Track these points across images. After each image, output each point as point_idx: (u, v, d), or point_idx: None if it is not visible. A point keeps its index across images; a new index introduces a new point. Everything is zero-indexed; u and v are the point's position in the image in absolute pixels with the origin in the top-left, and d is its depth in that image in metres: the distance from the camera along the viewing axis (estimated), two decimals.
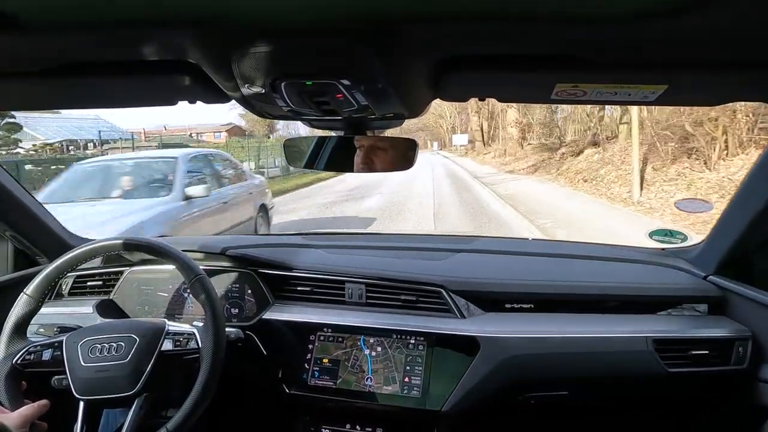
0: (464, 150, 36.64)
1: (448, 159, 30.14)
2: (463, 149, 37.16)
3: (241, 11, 0.45)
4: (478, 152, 30.40)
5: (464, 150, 36.64)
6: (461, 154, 35.93)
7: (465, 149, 36.97)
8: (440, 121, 47.26)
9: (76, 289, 1.39)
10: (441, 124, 48.50)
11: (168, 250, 1.04)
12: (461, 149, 37.41)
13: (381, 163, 0.83)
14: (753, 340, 1.10)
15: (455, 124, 45.93)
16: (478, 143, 32.21)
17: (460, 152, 36.40)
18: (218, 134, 32.06)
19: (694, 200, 2.87)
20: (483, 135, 31.83)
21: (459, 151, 37.33)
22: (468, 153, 34.39)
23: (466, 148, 36.95)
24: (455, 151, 39.52)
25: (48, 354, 0.96)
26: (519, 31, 0.49)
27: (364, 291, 1.25)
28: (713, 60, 0.55)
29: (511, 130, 21.47)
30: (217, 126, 33.63)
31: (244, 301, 1.28)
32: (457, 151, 38.28)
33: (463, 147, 37.94)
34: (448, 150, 44.96)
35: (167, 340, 0.97)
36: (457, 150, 38.73)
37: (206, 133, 32.07)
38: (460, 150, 37.45)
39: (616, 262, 1.36)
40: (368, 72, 0.55)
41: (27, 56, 0.57)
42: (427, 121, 45.20)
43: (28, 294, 1.00)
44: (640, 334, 1.12)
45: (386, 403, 1.12)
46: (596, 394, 1.24)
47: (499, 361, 1.11)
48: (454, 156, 34.44)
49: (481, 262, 1.39)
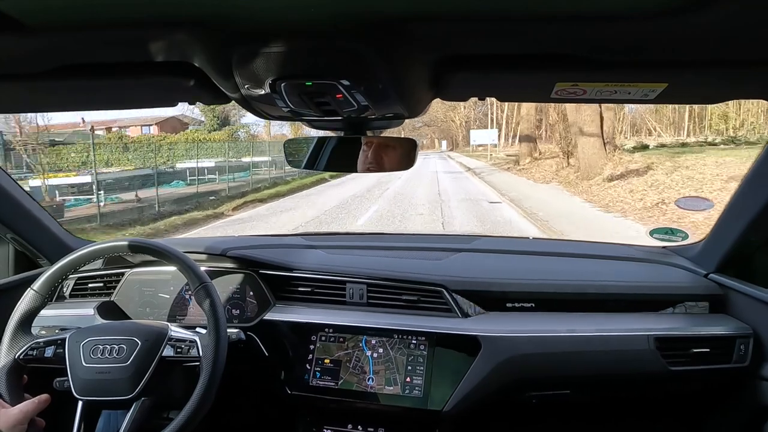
0: (499, 159, 22.80)
1: (470, 177, 16.10)
2: (484, 154, 25.86)
3: (241, 12, 0.45)
4: (531, 164, 16.71)
5: (499, 159, 22.80)
6: (491, 161, 22.28)
7: (486, 152, 25.43)
8: (451, 113, 38.64)
9: (77, 290, 1.39)
10: (452, 117, 39.74)
11: (173, 253, 1.04)
12: (486, 155, 25.10)
13: (386, 163, 0.84)
14: (754, 338, 1.10)
15: (470, 116, 37.53)
16: (525, 149, 18.74)
17: (490, 160, 22.55)
18: (147, 128, 26.86)
19: (694, 198, 2.87)
20: (534, 138, 19.26)
21: (483, 158, 24.41)
22: (510, 165, 18.49)
23: (487, 147, 26.45)
24: (473, 153, 29.61)
25: (50, 351, 0.97)
26: (519, 30, 0.49)
27: (365, 291, 1.25)
28: (713, 58, 0.55)
29: (590, 128, 11.19)
30: (149, 118, 27.43)
31: (245, 301, 1.28)
32: (477, 153, 28.07)
33: (481, 147, 28.64)
34: (461, 152, 35.09)
35: (169, 345, 0.97)
36: (477, 151, 29.36)
37: (132, 127, 26.53)
38: (487, 156, 24.65)
39: (617, 261, 1.36)
40: (368, 72, 0.55)
41: (27, 58, 0.57)
42: (434, 114, 36.83)
43: (35, 290, 1.00)
44: (642, 333, 1.12)
45: (388, 404, 1.12)
46: (598, 393, 1.24)
47: (501, 360, 1.11)
48: (473, 164, 20.99)
49: (483, 261, 1.39)
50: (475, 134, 29.26)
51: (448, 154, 33.53)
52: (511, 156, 22.10)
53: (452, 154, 33.71)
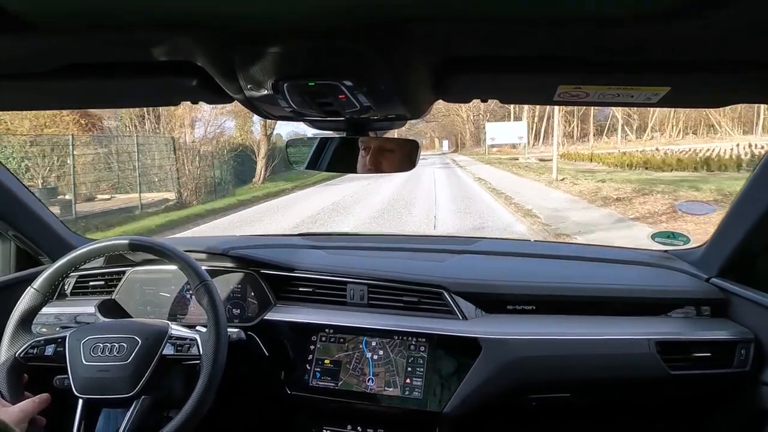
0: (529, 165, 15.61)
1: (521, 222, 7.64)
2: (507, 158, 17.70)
3: (244, 13, 0.46)
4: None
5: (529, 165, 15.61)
6: (535, 175, 13.88)
7: (502, 155, 17.67)
8: (455, 106, 22.02)
9: (78, 288, 1.40)
10: (457, 110, 31.21)
11: (174, 252, 1.04)
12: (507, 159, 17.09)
13: (387, 165, 0.84)
14: (755, 343, 1.10)
15: (481, 107, 25.89)
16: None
17: (532, 174, 14.30)
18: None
19: (696, 203, 2.86)
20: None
21: (502, 166, 16.42)
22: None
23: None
24: (486, 156, 20.48)
25: (51, 349, 0.97)
26: (523, 32, 0.49)
27: (366, 292, 1.25)
28: (716, 62, 0.55)
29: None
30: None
31: (246, 301, 1.28)
32: (492, 157, 19.62)
33: (497, 148, 21.04)
34: (470, 154, 26.46)
35: (169, 344, 0.97)
36: (492, 153, 20.99)
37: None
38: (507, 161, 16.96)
39: (618, 264, 1.36)
40: (371, 73, 0.56)
41: (31, 57, 0.57)
42: (435, 107, 30.88)
43: (35, 288, 1.00)
44: (643, 336, 1.11)
45: (387, 405, 1.12)
46: (598, 396, 1.23)
47: (501, 362, 1.11)
48: (502, 181, 13.33)
49: (483, 263, 1.39)
50: (494, 129, 19.17)
51: (453, 158, 22.30)
52: (546, 161, 15.20)
53: (458, 158, 23.12)
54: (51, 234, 1.37)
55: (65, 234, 1.41)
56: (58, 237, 1.39)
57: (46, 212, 1.36)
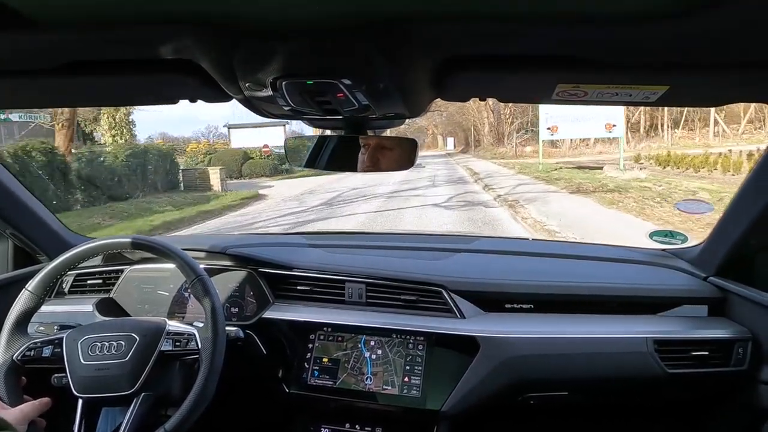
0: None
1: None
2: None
3: (243, 10, 0.45)
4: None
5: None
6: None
7: (539, 158, 12.66)
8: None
9: (76, 287, 1.39)
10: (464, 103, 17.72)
11: (170, 249, 1.04)
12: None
13: (386, 163, 0.84)
14: (753, 342, 1.10)
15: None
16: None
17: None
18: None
19: (694, 201, 2.86)
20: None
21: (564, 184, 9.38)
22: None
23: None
24: (502, 162, 15.45)
25: (48, 351, 0.97)
26: (521, 31, 0.49)
27: (364, 290, 1.25)
28: (714, 61, 0.55)
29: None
30: None
31: (244, 300, 1.28)
32: (524, 161, 15.04)
33: (529, 147, 15.96)
34: (491, 156, 20.75)
35: (167, 340, 0.97)
36: (525, 155, 16.51)
37: None
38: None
39: (616, 263, 1.36)
40: (370, 71, 0.55)
41: (32, 54, 0.57)
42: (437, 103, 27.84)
43: (30, 290, 1.00)
44: (640, 335, 1.12)
45: (386, 403, 1.12)
46: (596, 395, 1.24)
47: (499, 361, 1.11)
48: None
49: (482, 262, 1.39)
50: (556, 114, 11.52)
51: (468, 166, 16.46)
52: (656, 176, 9.23)
53: (474, 163, 16.80)
54: (48, 232, 1.37)
55: (62, 232, 1.41)
56: (56, 235, 1.38)
57: (44, 210, 1.35)
